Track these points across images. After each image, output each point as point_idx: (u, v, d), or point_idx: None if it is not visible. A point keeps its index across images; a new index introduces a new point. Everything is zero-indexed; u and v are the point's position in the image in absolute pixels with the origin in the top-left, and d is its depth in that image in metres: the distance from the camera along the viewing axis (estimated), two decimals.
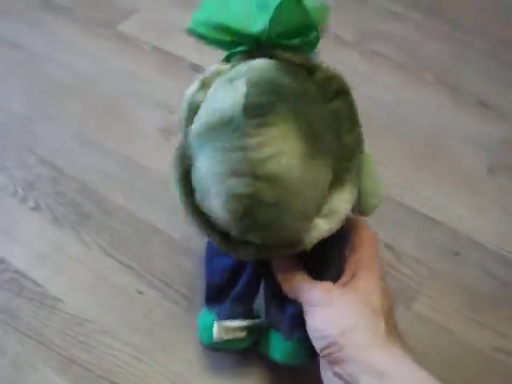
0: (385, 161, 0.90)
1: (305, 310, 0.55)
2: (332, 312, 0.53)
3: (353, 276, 0.56)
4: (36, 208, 0.82)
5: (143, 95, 0.99)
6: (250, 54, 0.50)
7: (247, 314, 0.63)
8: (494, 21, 1.21)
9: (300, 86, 0.49)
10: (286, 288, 0.57)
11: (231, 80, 0.49)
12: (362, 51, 1.11)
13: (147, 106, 0.96)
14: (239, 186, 0.46)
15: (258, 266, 0.60)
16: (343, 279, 0.57)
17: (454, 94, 1.04)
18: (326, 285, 0.55)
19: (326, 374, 0.54)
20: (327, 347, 0.51)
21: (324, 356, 0.52)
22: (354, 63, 1.08)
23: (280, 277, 0.58)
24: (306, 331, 0.55)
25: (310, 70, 0.51)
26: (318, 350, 0.53)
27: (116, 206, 0.82)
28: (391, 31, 1.16)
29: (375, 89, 1.04)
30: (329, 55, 0.57)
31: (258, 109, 0.46)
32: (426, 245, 0.80)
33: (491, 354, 0.70)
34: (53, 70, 1.04)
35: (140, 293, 0.74)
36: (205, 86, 0.52)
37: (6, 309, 0.72)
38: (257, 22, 0.47)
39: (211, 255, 0.64)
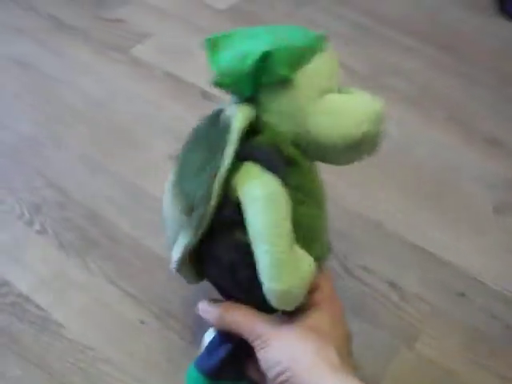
0: (389, 196, 0.91)
1: (254, 344, 0.54)
2: (282, 341, 0.53)
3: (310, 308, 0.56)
4: (42, 232, 0.82)
5: (153, 121, 0.99)
6: None
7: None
8: (505, 59, 1.22)
9: None
10: (232, 324, 0.56)
11: None
12: (374, 85, 1.11)
13: (156, 133, 0.96)
14: None
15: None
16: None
17: (464, 130, 1.05)
18: (273, 316, 0.55)
19: None
20: (280, 374, 0.51)
21: None
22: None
23: (225, 314, 0.57)
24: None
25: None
26: (273, 380, 0.52)
27: (122, 233, 0.82)
28: (404, 66, 1.17)
29: (386, 123, 1.03)
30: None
31: None
32: (430, 283, 0.79)
33: None
34: (64, 91, 1.04)
35: (142, 323, 0.73)
36: None
37: (8, 332, 0.71)
38: None
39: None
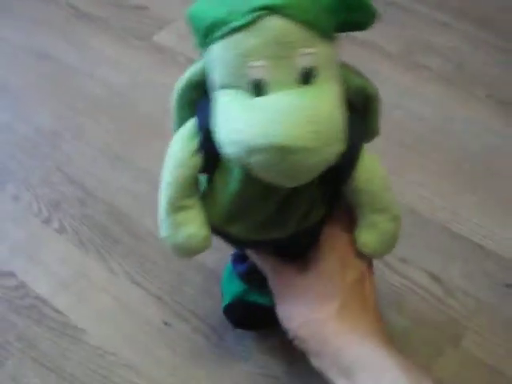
0: (429, 182, 0.87)
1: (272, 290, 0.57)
2: (291, 304, 0.54)
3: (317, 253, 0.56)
4: (61, 230, 0.79)
5: None
6: None
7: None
8: None
9: None
10: (256, 258, 0.59)
11: None
12: (406, 64, 1.07)
13: None
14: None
15: None
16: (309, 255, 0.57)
17: (505, 108, 1.00)
18: (287, 272, 0.56)
19: None
20: (293, 340, 0.54)
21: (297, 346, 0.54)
22: (398, 76, 1.04)
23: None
24: None
25: None
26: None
27: (146, 230, 0.79)
28: (438, 43, 1.12)
29: (419, 103, 1.00)
30: (371, 68, 0.55)
31: None
32: (474, 275, 0.76)
33: None
34: (84, 82, 1.02)
35: (167, 324, 0.70)
36: None
37: (25, 337, 0.69)
38: None
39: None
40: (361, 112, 0.50)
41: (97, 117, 0.96)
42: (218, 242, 0.62)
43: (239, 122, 0.41)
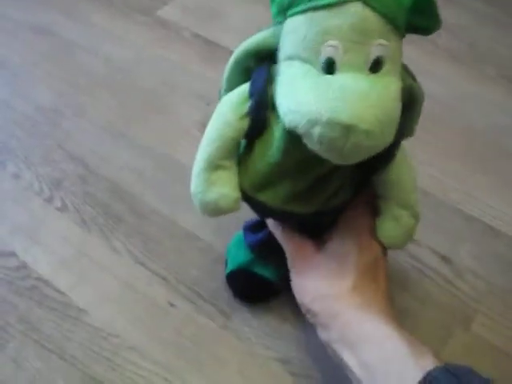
0: (439, 162, 0.87)
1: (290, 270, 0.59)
2: (307, 279, 0.57)
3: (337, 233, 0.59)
4: (62, 208, 0.78)
5: (181, 86, 0.96)
6: None
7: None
8: None
9: None
10: (278, 234, 0.61)
11: None
12: (413, 41, 1.04)
13: (186, 98, 0.93)
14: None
15: None
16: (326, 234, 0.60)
17: None
18: (307, 248, 0.59)
19: None
20: (305, 313, 0.57)
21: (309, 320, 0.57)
22: (406, 54, 1.01)
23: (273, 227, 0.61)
24: None
25: None
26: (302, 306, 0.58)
27: (150, 208, 0.79)
28: (447, 19, 1.10)
29: (429, 82, 0.96)
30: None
31: None
32: (485, 257, 0.76)
33: None
34: (86, 58, 1.02)
35: (172, 305, 0.69)
36: None
37: (26, 319, 0.68)
38: None
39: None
40: (403, 110, 0.51)
41: (99, 94, 0.95)
42: (225, 225, 0.61)
43: (308, 94, 0.43)
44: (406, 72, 0.52)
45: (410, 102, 0.53)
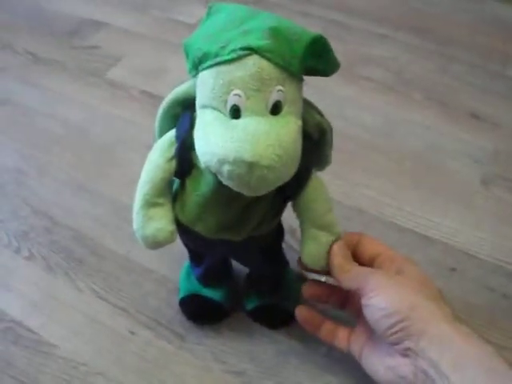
0: (372, 182, 0.92)
1: (365, 295, 0.57)
2: (399, 291, 0.56)
3: (397, 271, 0.60)
4: (30, 257, 0.83)
5: (132, 139, 1.01)
6: None
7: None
8: (480, 33, 1.23)
9: None
10: (345, 279, 0.60)
11: None
12: (349, 77, 1.12)
13: (138, 150, 0.95)
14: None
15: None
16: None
17: (444, 109, 1.06)
18: (383, 271, 0.60)
19: (376, 369, 0.59)
20: (399, 322, 0.54)
21: (393, 334, 0.55)
22: (341, 89, 1.09)
23: (337, 270, 0.61)
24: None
25: None
26: (385, 330, 0.55)
27: (108, 249, 0.83)
28: (379, 53, 1.18)
29: (361, 112, 1.05)
30: (314, 83, 0.61)
31: None
32: (421, 262, 0.76)
33: None
34: (44, 122, 1.06)
35: (133, 333, 0.74)
36: None
37: (2, 358, 0.72)
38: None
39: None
40: (316, 142, 0.57)
41: (58, 152, 0.99)
42: (177, 257, 0.67)
43: (217, 137, 0.48)
44: (312, 109, 0.56)
45: (320, 134, 0.57)
